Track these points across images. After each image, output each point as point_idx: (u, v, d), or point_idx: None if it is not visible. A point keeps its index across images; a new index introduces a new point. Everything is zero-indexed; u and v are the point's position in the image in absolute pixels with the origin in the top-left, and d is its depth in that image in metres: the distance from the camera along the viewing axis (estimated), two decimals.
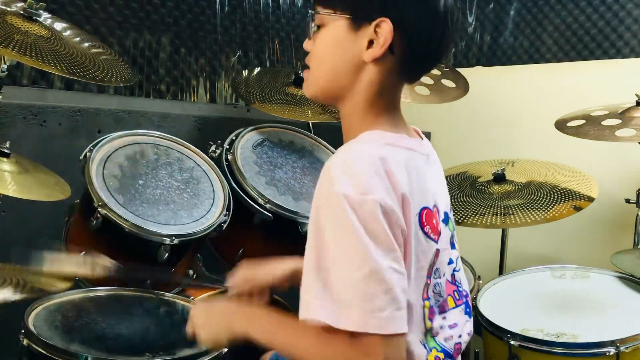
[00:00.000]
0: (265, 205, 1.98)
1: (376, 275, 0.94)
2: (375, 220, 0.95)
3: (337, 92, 1.12)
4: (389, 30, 1.04)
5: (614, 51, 2.82)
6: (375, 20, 1.04)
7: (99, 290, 1.70)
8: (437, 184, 1.15)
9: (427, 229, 1.06)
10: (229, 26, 2.84)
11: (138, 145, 1.97)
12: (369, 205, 0.95)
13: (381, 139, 1.06)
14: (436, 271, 1.10)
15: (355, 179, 0.97)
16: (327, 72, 1.12)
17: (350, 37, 1.07)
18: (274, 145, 2.23)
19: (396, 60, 1.07)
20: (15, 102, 2.06)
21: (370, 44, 1.06)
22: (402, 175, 1.01)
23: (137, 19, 2.53)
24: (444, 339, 1.12)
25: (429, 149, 1.17)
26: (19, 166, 1.69)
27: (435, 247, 1.08)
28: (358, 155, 1.02)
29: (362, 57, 1.07)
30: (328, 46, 1.10)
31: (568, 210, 2.10)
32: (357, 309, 0.94)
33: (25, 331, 1.40)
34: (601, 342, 1.64)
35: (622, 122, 2.10)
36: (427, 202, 1.08)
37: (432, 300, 1.10)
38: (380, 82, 1.09)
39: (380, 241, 0.95)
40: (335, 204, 0.96)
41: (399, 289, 0.96)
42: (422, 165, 1.11)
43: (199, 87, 2.77)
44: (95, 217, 1.72)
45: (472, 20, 3.27)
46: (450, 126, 3.14)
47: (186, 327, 1.21)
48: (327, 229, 0.97)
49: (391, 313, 0.94)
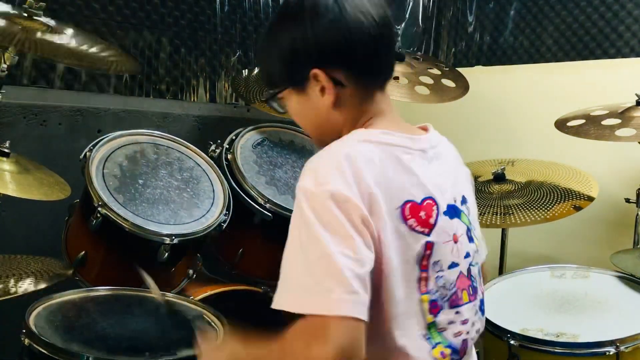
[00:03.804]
0: (265, 204, 1.98)
1: (325, 259, 0.97)
2: (327, 208, 0.99)
3: (332, 135, 1.18)
4: (323, 75, 1.12)
5: (614, 51, 2.82)
6: (309, 74, 1.13)
7: (100, 290, 1.70)
8: (439, 178, 1.15)
9: (411, 222, 1.07)
10: (229, 26, 2.84)
11: (138, 145, 1.97)
12: (322, 195, 1.00)
13: (356, 136, 1.11)
14: (436, 264, 1.10)
15: (316, 173, 1.04)
16: (311, 129, 1.24)
17: (304, 98, 1.17)
18: (273, 144, 2.23)
19: (352, 86, 1.14)
20: (16, 102, 2.06)
21: (323, 91, 1.14)
22: (371, 170, 1.04)
23: (137, 19, 2.53)
24: (453, 334, 1.12)
25: (426, 145, 1.17)
26: (19, 166, 1.69)
27: (424, 239, 1.08)
28: (325, 153, 1.08)
29: (325, 105, 1.15)
30: (296, 113, 1.22)
31: (568, 210, 2.10)
32: (309, 293, 0.97)
33: (26, 331, 1.40)
34: (601, 341, 1.64)
35: (622, 121, 2.10)
36: (413, 196, 1.08)
37: (437, 294, 1.10)
38: (353, 112, 1.16)
39: (333, 229, 0.98)
40: (298, 198, 1.03)
41: (350, 273, 0.97)
42: (413, 159, 1.11)
43: (199, 87, 2.77)
44: (95, 217, 1.72)
45: (472, 20, 3.27)
46: (450, 126, 3.12)
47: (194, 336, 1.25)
48: (292, 224, 1.03)
49: (340, 295, 0.95)
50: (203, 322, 1.58)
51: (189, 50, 2.71)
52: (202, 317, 1.62)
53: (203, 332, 1.33)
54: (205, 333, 1.33)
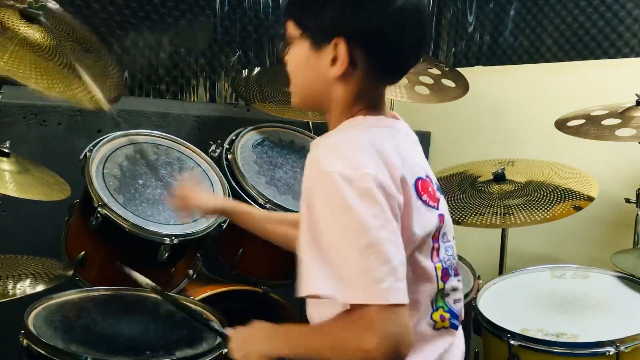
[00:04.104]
0: (265, 204, 1.98)
1: (374, 248, 0.96)
2: (371, 192, 0.98)
3: (315, 104, 1.18)
4: (344, 49, 1.07)
5: (614, 51, 2.82)
6: (333, 39, 1.08)
7: (99, 290, 1.70)
8: (422, 158, 1.19)
9: (425, 198, 1.10)
10: (229, 26, 2.84)
11: (138, 145, 1.97)
12: (364, 179, 0.98)
13: (364, 122, 1.11)
14: (444, 235, 1.14)
15: (346, 158, 1.00)
16: (301, 87, 1.18)
17: (314, 56, 1.12)
18: (274, 145, 2.23)
19: (364, 71, 1.11)
20: (16, 102, 2.05)
21: (334, 61, 1.09)
22: (392, 151, 1.05)
23: (137, 19, 2.53)
24: (453, 300, 1.16)
25: (406, 128, 1.20)
26: (18, 166, 1.68)
27: (437, 212, 1.12)
28: (343, 139, 1.07)
29: (328, 75, 1.11)
30: (296, 64, 1.16)
31: (568, 210, 2.10)
32: (357, 282, 0.96)
33: (25, 331, 1.40)
34: (601, 342, 1.64)
35: (622, 121, 2.10)
36: (419, 173, 1.11)
37: (446, 262, 1.14)
38: (352, 94, 1.12)
39: (377, 213, 0.97)
40: (328, 181, 0.98)
41: (397, 261, 0.97)
42: (405, 140, 1.15)
43: (198, 87, 2.77)
44: (95, 217, 1.72)
45: (472, 20, 3.27)
46: (450, 126, 3.14)
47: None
48: (321, 207, 0.99)
49: (390, 284, 0.95)
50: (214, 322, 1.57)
51: (189, 50, 2.71)
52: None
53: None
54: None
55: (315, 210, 0.99)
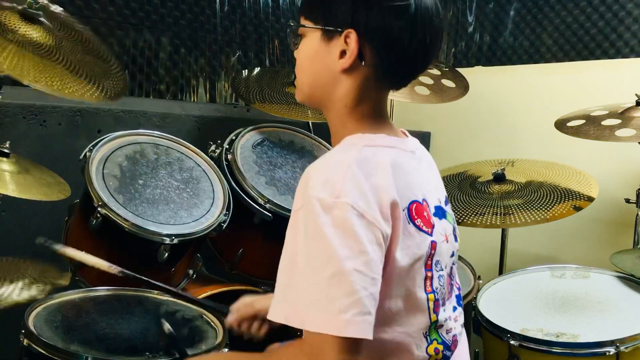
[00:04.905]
0: (265, 205, 1.98)
1: (339, 277, 0.94)
2: (347, 222, 0.96)
3: (319, 100, 1.16)
4: (355, 41, 1.07)
5: (614, 51, 2.82)
6: (344, 31, 1.08)
7: (99, 290, 1.70)
8: (426, 179, 1.16)
9: (419, 222, 1.07)
10: (229, 26, 2.84)
11: (138, 145, 1.97)
12: (342, 208, 0.96)
13: (360, 141, 1.09)
14: (437, 263, 1.11)
15: (329, 183, 0.99)
16: (309, 80, 1.17)
17: (324, 48, 1.11)
18: (273, 145, 2.23)
19: (370, 69, 1.10)
20: (15, 102, 2.06)
21: (343, 55, 1.09)
22: (385, 174, 1.03)
23: (137, 19, 2.54)
24: (445, 331, 1.13)
25: (414, 146, 1.18)
26: (18, 166, 1.68)
27: (429, 239, 1.08)
28: (334, 161, 1.05)
29: (336, 67, 1.10)
30: (306, 56, 1.16)
31: (568, 210, 2.10)
32: (317, 309, 0.94)
33: (25, 331, 1.40)
34: (601, 342, 1.65)
35: (622, 122, 2.10)
36: (416, 196, 1.08)
37: (438, 293, 1.11)
38: (357, 91, 1.12)
39: (349, 244, 0.95)
40: (309, 207, 0.98)
41: (365, 293, 0.95)
42: (408, 161, 1.12)
43: (198, 87, 2.77)
44: (95, 217, 1.72)
45: (472, 20, 3.27)
46: (450, 126, 3.14)
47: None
48: (300, 232, 0.99)
49: (352, 316, 0.93)
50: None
51: (189, 50, 2.72)
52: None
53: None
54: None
55: (295, 234, 1.00)
